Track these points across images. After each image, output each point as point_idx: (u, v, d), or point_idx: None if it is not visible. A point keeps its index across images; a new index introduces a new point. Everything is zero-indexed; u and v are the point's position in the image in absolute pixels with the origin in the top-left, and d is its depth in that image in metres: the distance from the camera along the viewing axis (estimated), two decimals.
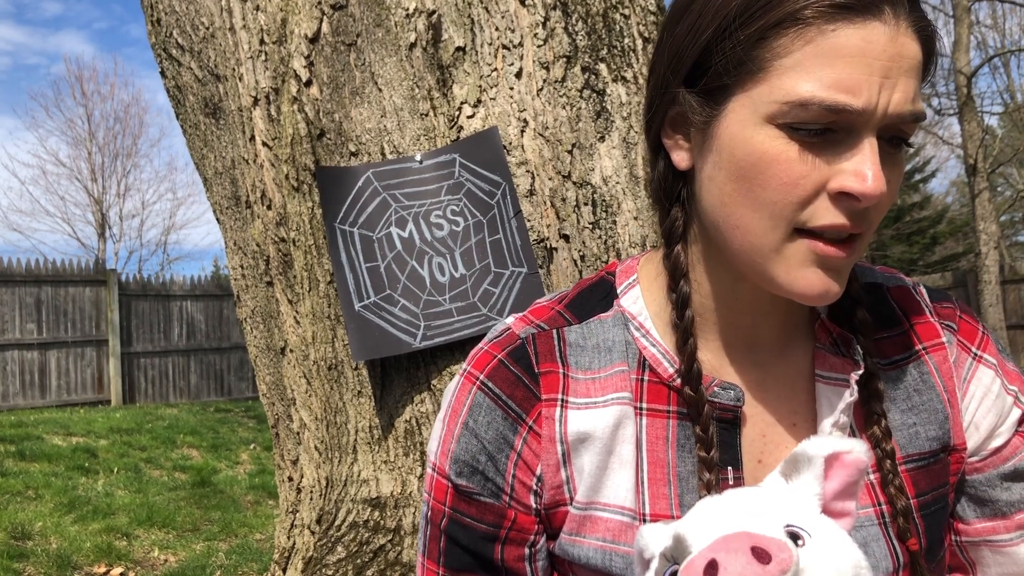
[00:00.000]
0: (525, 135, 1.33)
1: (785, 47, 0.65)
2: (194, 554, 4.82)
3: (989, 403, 0.81)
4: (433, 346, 1.26)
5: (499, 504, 0.77)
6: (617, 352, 0.78)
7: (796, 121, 0.65)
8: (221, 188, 1.57)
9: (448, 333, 1.26)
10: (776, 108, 0.65)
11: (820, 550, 0.60)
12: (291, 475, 1.55)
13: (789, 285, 0.69)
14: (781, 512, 0.63)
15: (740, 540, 0.58)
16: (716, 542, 0.59)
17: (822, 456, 0.65)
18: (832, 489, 0.65)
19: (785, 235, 0.68)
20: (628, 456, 0.75)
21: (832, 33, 0.63)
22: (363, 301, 1.29)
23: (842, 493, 0.66)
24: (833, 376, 0.78)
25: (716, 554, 0.58)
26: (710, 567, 0.57)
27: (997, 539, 0.83)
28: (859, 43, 0.63)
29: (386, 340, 1.27)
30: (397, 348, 1.26)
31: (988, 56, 15.26)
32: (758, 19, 0.65)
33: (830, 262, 0.67)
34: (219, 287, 12.70)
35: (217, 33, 1.48)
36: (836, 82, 0.63)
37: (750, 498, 0.65)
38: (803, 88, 0.64)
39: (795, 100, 0.64)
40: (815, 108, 0.64)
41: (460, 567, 0.78)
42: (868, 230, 0.69)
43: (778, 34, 0.65)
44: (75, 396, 11.06)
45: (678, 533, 0.63)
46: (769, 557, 0.56)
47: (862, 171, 0.64)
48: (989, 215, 11.86)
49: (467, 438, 0.77)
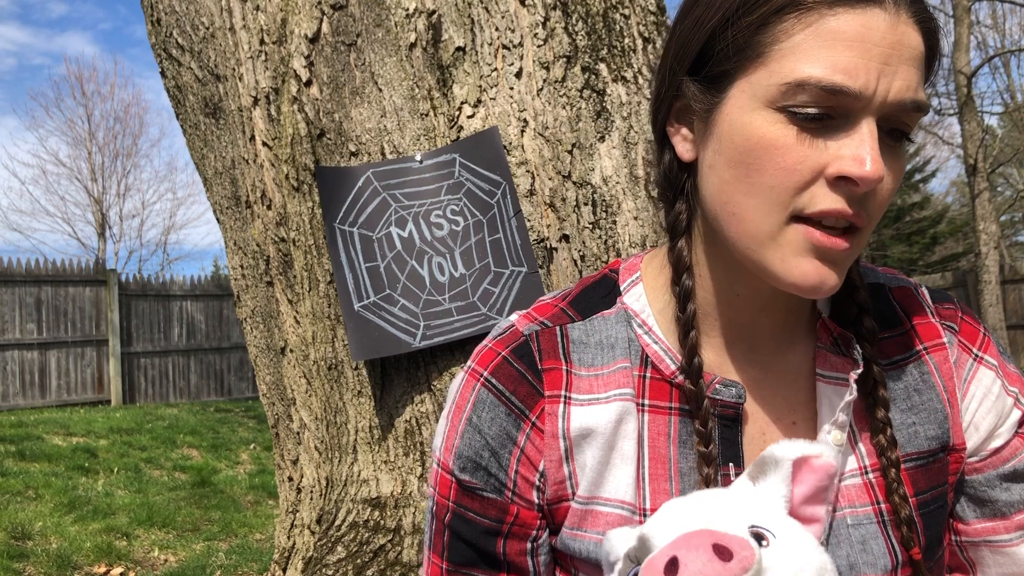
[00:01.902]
0: (525, 135, 1.33)
1: (786, 32, 0.65)
2: (194, 554, 4.83)
3: (989, 404, 0.81)
4: (433, 346, 1.26)
5: (502, 499, 0.77)
6: (620, 349, 0.79)
7: (794, 103, 0.65)
8: (221, 188, 1.57)
9: (448, 333, 1.25)
10: (775, 91, 0.65)
11: (784, 550, 0.59)
12: (291, 475, 1.55)
13: (784, 274, 0.68)
14: (746, 513, 0.63)
15: (701, 537, 0.58)
16: (677, 540, 0.59)
17: (790, 459, 0.65)
18: (801, 493, 0.65)
19: (782, 222, 0.67)
20: (630, 452, 0.76)
21: (832, 18, 0.64)
22: (363, 301, 1.29)
23: (812, 498, 0.65)
24: (834, 375, 0.78)
25: (677, 551, 0.58)
26: (671, 565, 0.57)
27: (997, 539, 0.83)
28: (859, 28, 0.64)
29: (386, 340, 1.27)
30: (397, 348, 1.26)
31: (988, 56, 15.25)
32: (761, 6, 0.66)
33: (827, 252, 0.67)
34: (219, 287, 12.70)
35: (217, 33, 1.48)
36: (834, 64, 0.64)
37: (716, 499, 0.65)
38: (801, 69, 0.64)
39: (793, 81, 0.64)
40: (812, 88, 0.64)
41: (463, 561, 0.79)
42: (868, 224, 0.68)
43: (779, 19, 0.66)
44: (75, 396, 11.06)
45: (642, 533, 0.64)
46: (731, 555, 0.56)
47: (860, 155, 0.64)
48: (989, 215, 11.86)
49: (471, 434, 0.78)
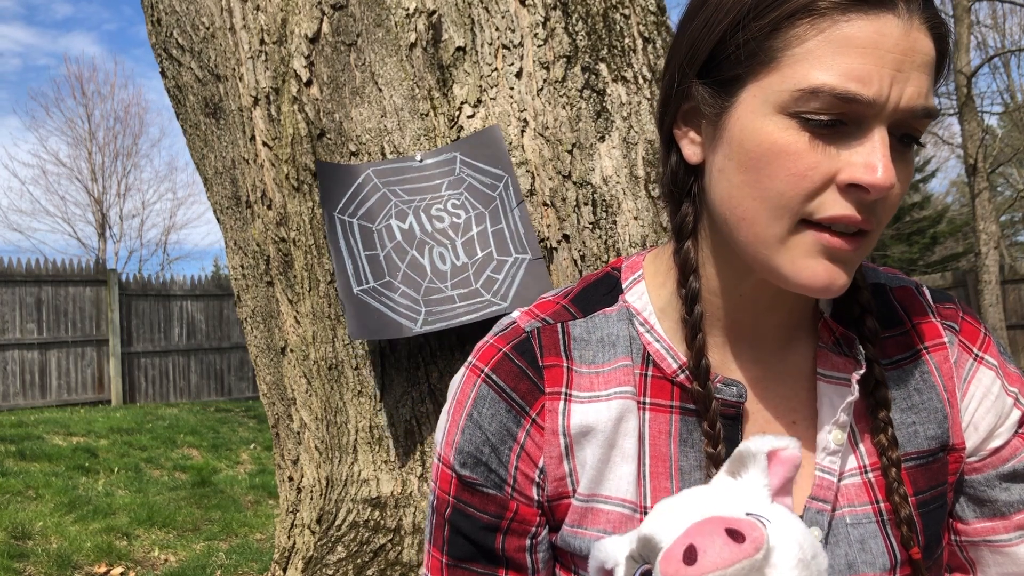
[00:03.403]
0: (525, 135, 1.33)
1: (798, 37, 0.65)
2: (194, 554, 4.83)
3: (989, 404, 0.81)
4: (434, 331, 1.24)
5: (501, 495, 0.77)
6: (621, 347, 0.79)
7: (807, 110, 0.65)
8: (221, 188, 1.57)
9: (450, 318, 1.23)
10: (787, 97, 0.65)
11: (782, 531, 0.63)
12: (291, 475, 1.55)
13: (794, 276, 0.68)
14: (738, 503, 0.66)
15: (714, 524, 0.61)
16: (689, 529, 0.61)
17: (764, 452, 0.67)
18: (774, 485, 0.68)
19: (791, 226, 0.67)
20: (630, 450, 0.76)
21: (845, 24, 0.64)
22: (362, 285, 1.26)
23: (780, 489, 0.68)
24: (835, 375, 0.78)
25: (692, 539, 0.60)
26: (689, 552, 0.59)
27: (996, 539, 0.83)
28: (872, 35, 0.64)
29: (386, 324, 1.24)
30: (398, 332, 1.23)
31: (988, 56, 15.25)
32: (773, 10, 0.66)
33: (836, 253, 0.67)
34: (219, 287, 12.69)
35: (217, 33, 1.48)
36: (847, 71, 0.63)
37: (707, 494, 0.68)
38: (814, 76, 0.64)
39: (806, 87, 0.64)
40: (825, 96, 0.64)
41: (462, 556, 0.79)
42: (877, 227, 0.68)
43: (792, 24, 0.65)
44: (75, 396, 11.06)
45: (644, 534, 0.65)
46: (743, 537, 0.58)
47: (872, 162, 0.64)
48: (989, 215, 11.85)
49: (471, 430, 0.78)
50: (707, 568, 0.58)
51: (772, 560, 0.60)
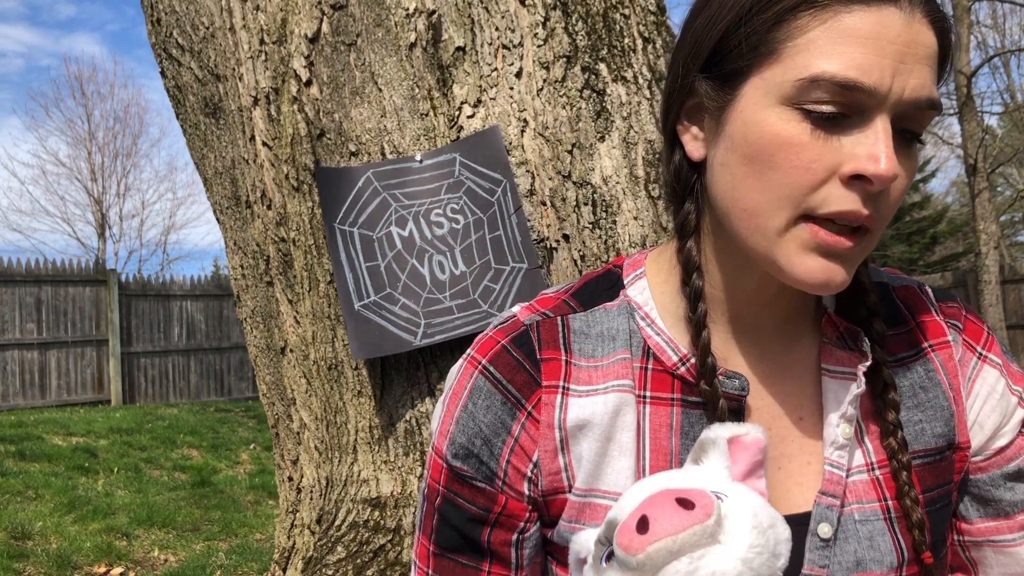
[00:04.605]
0: (525, 135, 1.33)
1: (801, 28, 0.65)
2: (194, 554, 4.82)
3: (993, 403, 0.81)
4: (434, 343, 1.25)
5: (491, 489, 0.77)
6: (621, 340, 0.79)
7: (809, 100, 0.65)
8: (221, 188, 1.56)
9: (449, 331, 1.25)
10: (789, 88, 0.65)
11: (738, 502, 0.65)
12: (291, 475, 1.55)
13: (790, 270, 0.69)
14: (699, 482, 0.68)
15: (664, 495, 0.63)
16: (642, 503, 0.64)
17: (724, 438, 0.69)
18: (739, 471, 0.69)
19: (791, 219, 0.67)
20: (628, 444, 0.76)
21: (847, 15, 0.64)
22: (363, 300, 1.28)
23: (750, 473, 0.70)
24: (839, 370, 0.78)
25: (645, 511, 0.62)
26: (641, 522, 0.61)
27: (1000, 539, 0.83)
28: (873, 26, 0.64)
29: (386, 338, 1.26)
30: (397, 346, 1.26)
31: (988, 56, 15.25)
32: (776, 3, 0.66)
33: (833, 250, 0.67)
34: (219, 287, 12.69)
35: (217, 33, 1.48)
36: (849, 60, 0.64)
37: (670, 475, 0.70)
38: (816, 65, 0.64)
39: (807, 76, 0.64)
40: (827, 84, 0.64)
41: (448, 546, 0.80)
42: (879, 225, 0.68)
43: (795, 16, 0.66)
44: (75, 396, 11.06)
45: (609, 517, 0.67)
46: (693, 504, 0.61)
47: (875, 152, 0.64)
48: (989, 215, 11.86)
49: (465, 421, 0.78)
50: (659, 534, 0.60)
51: (727, 527, 0.62)
